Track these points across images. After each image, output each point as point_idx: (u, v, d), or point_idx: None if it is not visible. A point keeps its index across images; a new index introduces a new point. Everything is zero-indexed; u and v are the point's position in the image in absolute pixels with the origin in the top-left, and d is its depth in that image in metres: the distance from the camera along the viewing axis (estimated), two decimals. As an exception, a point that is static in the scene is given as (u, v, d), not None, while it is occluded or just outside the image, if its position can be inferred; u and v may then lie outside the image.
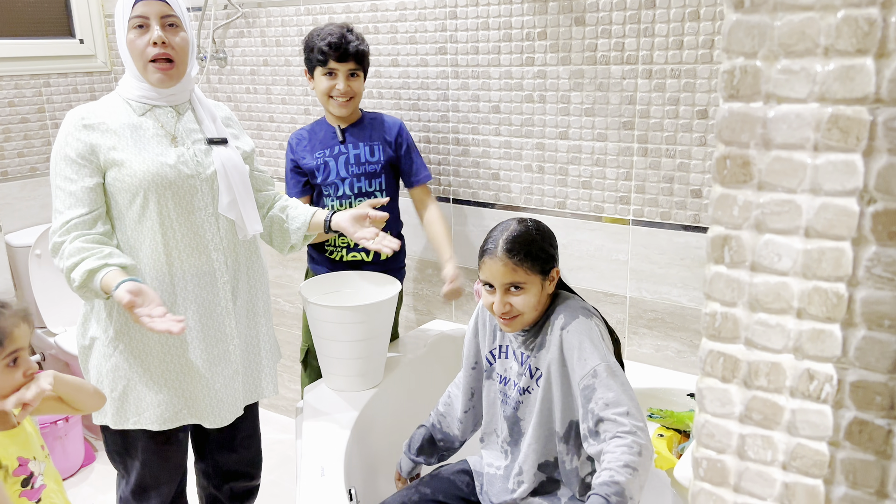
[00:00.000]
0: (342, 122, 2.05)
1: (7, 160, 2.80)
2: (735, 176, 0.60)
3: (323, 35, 1.94)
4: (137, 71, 1.56)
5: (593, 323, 1.44)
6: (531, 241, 1.43)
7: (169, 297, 1.58)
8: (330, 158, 2.02)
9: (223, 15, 2.68)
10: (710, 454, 0.66)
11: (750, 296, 0.62)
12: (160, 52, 1.53)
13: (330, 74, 1.96)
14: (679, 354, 2.00)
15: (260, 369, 1.75)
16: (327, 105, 2.01)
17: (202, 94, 1.69)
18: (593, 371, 1.38)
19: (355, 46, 1.94)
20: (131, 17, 1.52)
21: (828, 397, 0.59)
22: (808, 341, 0.60)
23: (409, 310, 2.50)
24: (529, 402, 1.51)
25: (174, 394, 1.61)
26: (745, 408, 0.64)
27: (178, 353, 1.60)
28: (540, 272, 1.44)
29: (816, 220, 0.57)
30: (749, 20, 0.57)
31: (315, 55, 1.95)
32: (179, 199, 1.55)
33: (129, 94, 1.58)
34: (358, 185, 2.03)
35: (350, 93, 1.98)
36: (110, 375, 1.59)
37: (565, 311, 1.46)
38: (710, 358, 0.65)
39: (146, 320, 1.36)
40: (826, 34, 0.54)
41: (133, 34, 1.53)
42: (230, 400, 1.67)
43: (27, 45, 2.84)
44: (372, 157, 2.04)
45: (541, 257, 1.43)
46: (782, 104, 0.57)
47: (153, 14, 1.52)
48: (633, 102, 1.91)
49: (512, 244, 1.42)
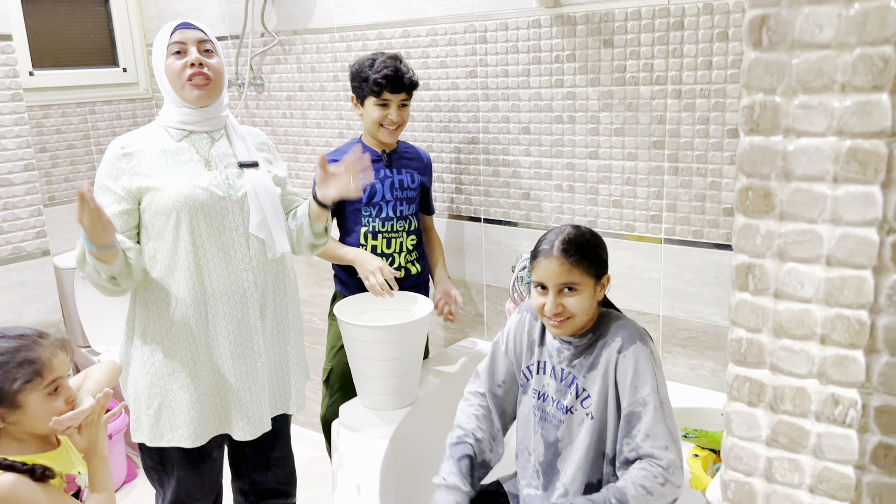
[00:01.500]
0: (386, 148, 2.13)
1: (55, 185, 2.91)
2: (757, 206, 0.62)
3: (378, 67, 2.00)
4: (175, 93, 1.64)
5: (649, 350, 1.44)
6: (586, 244, 1.45)
7: (201, 315, 1.63)
8: (377, 181, 2.09)
9: (260, 43, 2.76)
10: (738, 477, 0.68)
11: (774, 322, 0.63)
12: (197, 71, 1.61)
13: (383, 105, 2.03)
14: (714, 373, 1.99)
15: (288, 386, 1.80)
16: (377, 133, 2.08)
17: (236, 122, 1.76)
18: (643, 399, 1.39)
19: (409, 78, 2.03)
20: (170, 44, 1.62)
21: (853, 422, 0.61)
22: (832, 367, 0.61)
23: (441, 328, 2.53)
24: (573, 422, 1.50)
25: (205, 408, 1.66)
26: (771, 431, 0.65)
27: (208, 368, 1.65)
28: (594, 275, 1.45)
29: (837, 250, 0.59)
30: (767, 58, 0.59)
31: (370, 86, 2.01)
32: (211, 220, 1.61)
33: (168, 121, 1.66)
34: (400, 208, 2.11)
35: (400, 121, 2.06)
36: (146, 393, 1.65)
37: (622, 333, 1.45)
38: (737, 382, 0.67)
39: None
40: (843, 71, 0.56)
41: (171, 59, 1.63)
42: (257, 415, 1.71)
43: (74, 74, 2.95)
44: (413, 184, 2.14)
45: (595, 260, 1.46)
46: (801, 138, 0.59)
47: (190, 40, 1.63)
48: (663, 122, 1.92)
49: (568, 245, 1.44)
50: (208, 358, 1.65)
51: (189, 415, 1.64)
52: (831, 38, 0.56)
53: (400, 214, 2.11)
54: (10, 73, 2.23)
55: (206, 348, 1.65)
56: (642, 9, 1.88)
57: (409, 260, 2.15)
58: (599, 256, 1.47)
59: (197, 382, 1.64)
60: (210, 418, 1.67)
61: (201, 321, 1.63)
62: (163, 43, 1.63)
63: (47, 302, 2.39)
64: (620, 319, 1.49)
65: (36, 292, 2.35)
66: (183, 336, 1.63)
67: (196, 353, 1.64)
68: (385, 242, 2.11)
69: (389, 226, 2.10)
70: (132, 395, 1.68)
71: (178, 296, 1.61)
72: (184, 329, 1.62)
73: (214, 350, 1.65)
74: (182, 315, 1.61)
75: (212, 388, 1.66)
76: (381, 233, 2.09)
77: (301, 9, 2.61)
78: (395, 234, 2.11)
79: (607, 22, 1.94)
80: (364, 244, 2.09)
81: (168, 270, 1.61)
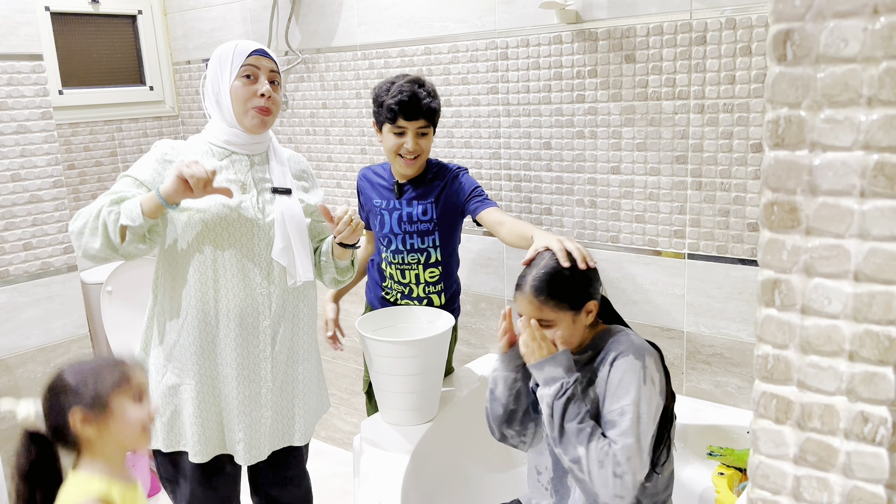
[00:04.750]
0: (404, 178, 2.04)
1: (83, 202, 2.96)
2: (783, 221, 0.62)
3: (393, 92, 1.90)
4: (234, 115, 1.64)
5: (641, 364, 1.40)
6: (559, 279, 1.42)
7: (211, 333, 1.64)
8: (385, 212, 2.04)
9: (284, 61, 2.79)
10: (766, 495, 0.67)
11: (801, 338, 0.63)
12: (265, 105, 1.63)
13: (399, 133, 1.92)
14: (739, 391, 1.96)
15: (292, 416, 1.77)
16: (394, 162, 1.99)
17: (279, 145, 1.77)
18: (621, 409, 1.37)
19: (427, 104, 1.90)
20: (243, 65, 1.62)
21: (883, 440, 0.60)
22: (860, 384, 0.60)
23: (463, 343, 2.52)
24: None
25: (208, 426, 1.67)
26: (799, 449, 0.64)
27: (212, 386, 1.67)
28: (570, 308, 1.43)
29: (865, 265, 0.58)
30: (792, 72, 0.59)
31: (384, 112, 1.91)
32: (235, 240, 1.63)
33: (214, 138, 1.67)
34: (410, 241, 2.04)
35: (418, 151, 1.94)
36: (163, 398, 1.67)
37: (617, 348, 1.44)
38: (764, 399, 0.66)
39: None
40: (869, 85, 0.56)
41: (240, 82, 1.63)
42: (255, 441, 1.71)
43: (102, 93, 3.01)
44: (424, 217, 2.00)
45: (569, 294, 1.43)
46: (827, 152, 0.59)
47: (264, 68, 1.64)
48: (686, 137, 1.91)
49: (539, 282, 1.42)
50: (213, 376, 1.66)
51: (192, 428, 1.66)
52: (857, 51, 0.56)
53: (411, 248, 2.03)
54: (40, 92, 2.29)
55: (212, 366, 1.66)
56: (664, 24, 1.88)
57: (430, 292, 2.09)
58: (575, 288, 1.43)
59: (201, 398, 1.66)
60: (212, 437, 1.69)
61: (209, 339, 1.64)
62: (233, 62, 1.63)
63: (74, 317, 2.42)
64: (619, 334, 1.48)
65: (63, 307, 2.39)
66: (191, 350, 1.64)
67: (202, 368, 1.65)
68: (399, 273, 2.07)
69: (400, 258, 2.05)
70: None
71: (191, 310, 1.63)
72: (193, 344, 1.64)
73: (220, 370, 1.66)
74: (192, 330, 1.63)
75: (215, 407, 1.68)
76: (394, 264, 2.06)
77: (324, 27, 2.64)
78: (407, 266, 2.05)
79: (629, 37, 1.95)
80: (384, 270, 2.09)
81: (186, 284, 1.63)
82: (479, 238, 2.38)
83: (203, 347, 1.64)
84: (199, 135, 1.72)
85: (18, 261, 2.27)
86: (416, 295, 2.09)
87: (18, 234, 2.26)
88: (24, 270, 2.29)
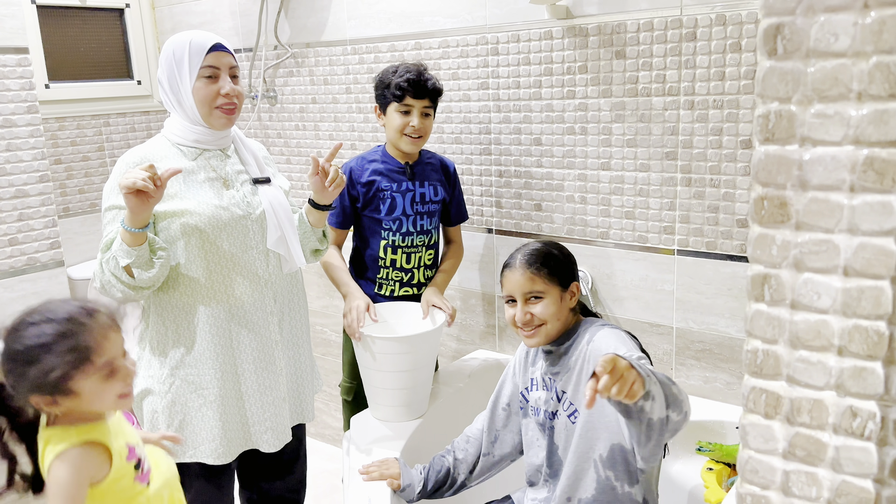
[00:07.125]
0: (409, 159, 2.08)
1: (69, 196, 2.93)
2: (773, 216, 0.61)
3: (401, 72, 1.98)
4: (200, 116, 1.61)
5: (620, 331, 1.46)
6: (548, 255, 1.52)
7: (226, 332, 1.63)
8: (398, 194, 2.05)
9: (273, 55, 2.78)
10: (755, 490, 0.67)
11: (791, 333, 0.63)
12: (229, 102, 1.61)
13: (405, 112, 1.99)
14: (728, 386, 1.97)
15: (303, 396, 1.82)
16: (399, 142, 2.03)
17: (241, 134, 1.75)
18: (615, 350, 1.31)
19: (433, 84, 2.00)
20: (203, 66, 1.59)
21: (871, 435, 0.60)
22: (849, 378, 0.60)
23: (453, 339, 2.52)
24: (559, 427, 1.52)
25: (230, 425, 1.67)
26: (788, 444, 0.64)
27: (234, 383, 1.66)
28: (559, 283, 1.50)
29: (855, 260, 0.58)
30: (782, 67, 0.59)
31: (392, 91, 1.98)
32: (234, 239, 1.62)
33: (181, 138, 1.64)
34: (420, 222, 2.08)
35: (423, 130, 2.01)
36: (166, 412, 1.64)
37: (590, 329, 1.49)
38: (753, 394, 0.66)
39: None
40: (859, 80, 0.56)
41: (201, 83, 1.59)
42: (281, 427, 1.72)
43: (89, 87, 2.98)
44: (435, 197, 2.09)
45: (558, 269, 1.51)
46: (817, 147, 0.58)
47: (224, 66, 1.61)
48: (676, 133, 1.91)
49: (530, 256, 1.51)
50: (233, 374, 1.66)
51: (213, 432, 1.65)
52: (847, 46, 0.56)
53: (420, 229, 2.07)
54: (26, 86, 2.26)
55: (232, 365, 1.65)
56: (654, 20, 1.88)
57: (429, 276, 2.13)
58: (563, 266, 1.52)
59: (222, 399, 1.65)
60: (234, 437, 1.68)
61: (225, 338, 1.63)
62: (191, 61, 1.58)
63: (61, 312, 2.40)
64: (597, 322, 1.52)
65: (50, 303, 2.37)
66: (208, 354, 1.62)
67: (222, 370, 1.64)
68: (404, 258, 2.08)
69: (409, 241, 2.07)
70: (148, 418, 1.66)
71: (202, 315, 1.61)
72: (208, 347, 1.62)
73: (239, 366, 1.66)
74: (207, 333, 1.61)
75: (237, 404, 1.67)
76: (401, 247, 2.06)
77: (314, 22, 2.63)
78: (414, 248, 2.08)
79: (619, 33, 1.94)
80: (383, 257, 2.07)
81: (192, 291, 1.61)
82: (469, 234, 2.38)
83: (220, 350, 1.63)
84: (159, 135, 1.67)
85: (4, 256, 2.24)
86: (417, 280, 2.11)
87: (4, 228, 2.24)
88: (10, 266, 2.26)
